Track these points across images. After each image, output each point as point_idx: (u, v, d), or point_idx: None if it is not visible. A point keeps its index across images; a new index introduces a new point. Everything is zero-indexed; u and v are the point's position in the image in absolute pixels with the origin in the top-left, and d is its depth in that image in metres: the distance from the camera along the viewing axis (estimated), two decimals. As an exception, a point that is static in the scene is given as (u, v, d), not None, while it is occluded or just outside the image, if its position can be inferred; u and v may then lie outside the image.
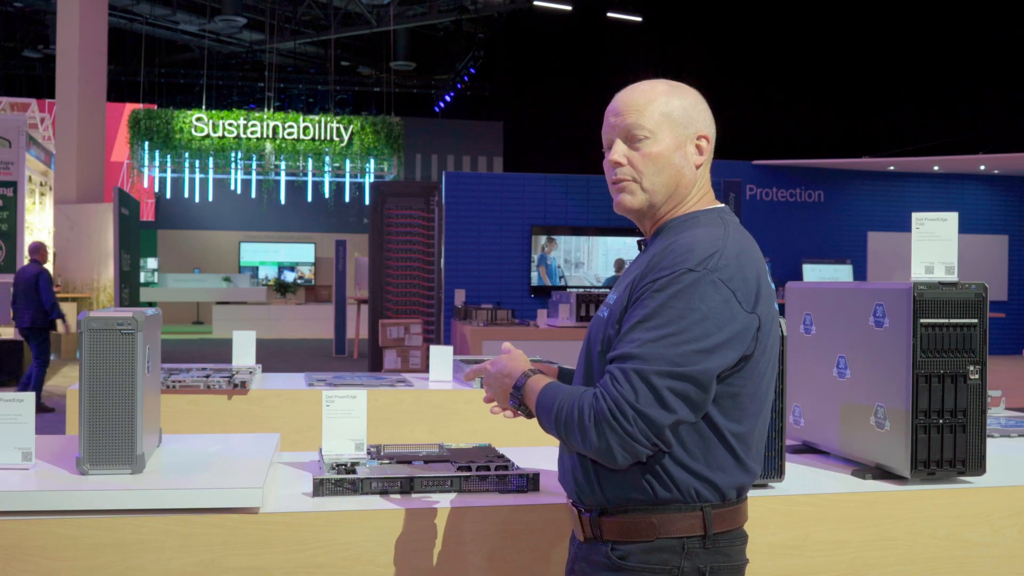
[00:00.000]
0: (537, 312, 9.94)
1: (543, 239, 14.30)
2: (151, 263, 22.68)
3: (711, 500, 1.60)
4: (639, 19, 19.89)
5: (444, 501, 2.02)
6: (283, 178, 20.40)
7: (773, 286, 1.68)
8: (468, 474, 2.11)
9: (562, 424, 1.60)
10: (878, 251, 15.46)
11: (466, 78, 26.07)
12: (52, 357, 13.52)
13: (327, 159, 19.86)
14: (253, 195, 20.81)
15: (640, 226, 1.79)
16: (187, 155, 19.36)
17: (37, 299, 9.12)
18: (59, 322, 9.27)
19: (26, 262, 9.91)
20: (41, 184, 13.20)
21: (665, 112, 1.70)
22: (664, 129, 1.69)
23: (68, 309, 14.17)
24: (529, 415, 1.75)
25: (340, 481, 2.05)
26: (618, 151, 1.72)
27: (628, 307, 1.61)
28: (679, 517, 1.59)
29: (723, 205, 1.76)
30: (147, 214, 21.40)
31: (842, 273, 15.03)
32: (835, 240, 15.44)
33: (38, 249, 9.46)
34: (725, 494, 1.61)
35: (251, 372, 3.92)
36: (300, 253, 25.37)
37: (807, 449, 2.60)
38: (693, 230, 1.65)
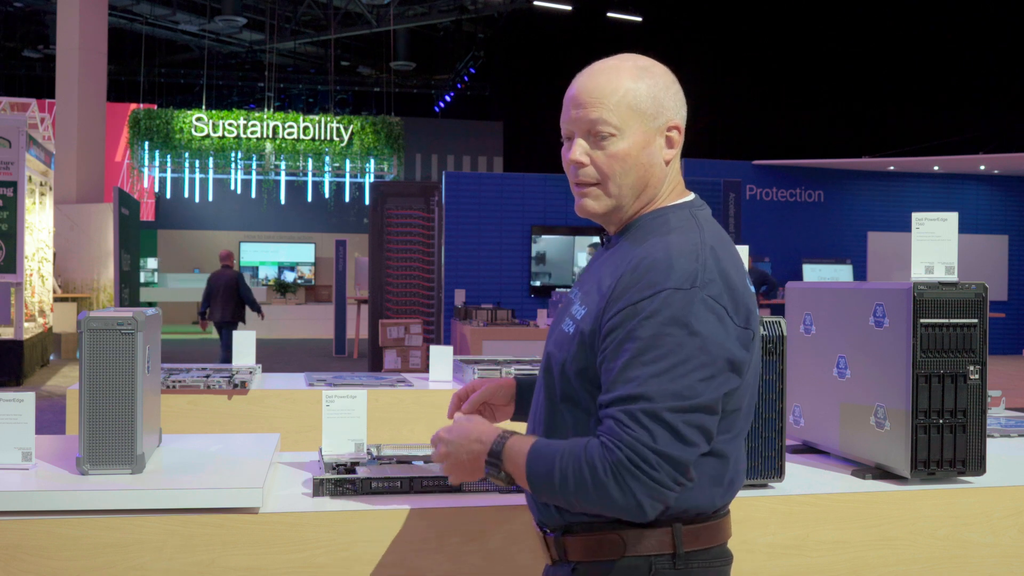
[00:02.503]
0: (537, 312, 9.94)
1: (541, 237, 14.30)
2: (151, 263, 22.68)
3: (682, 516, 1.48)
4: (639, 19, 19.89)
5: (444, 501, 2.02)
6: (283, 178, 20.41)
7: (752, 287, 1.57)
8: (468, 474, 2.11)
9: (570, 487, 1.40)
10: (878, 251, 15.47)
11: (466, 78, 26.08)
12: (52, 357, 13.52)
13: (327, 159, 19.87)
14: (253, 195, 20.82)
15: (604, 225, 1.63)
16: (187, 155, 19.36)
17: (236, 297, 11.05)
18: (256, 315, 11.61)
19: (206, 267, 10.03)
20: (41, 184, 13.19)
21: (632, 104, 1.51)
22: (632, 124, 1.52)
23: (68, 309, 14.18)
24: (510, 483, 1.52)
25: (340, 481, 2.05)
26: (580, 149, 1.55)
27: (603, 327, 1.46)
28: (647, 534, 1.47)
29: (693, 196, 1.60)
30: (147, 214, 21.39)
31: (842, 273, 15.03)
32: (835, 240, 15.44)
33: (229, 255, 11.57)
34: (699, 510, 1.49)
35: (251, 372, 3.92)
36: (300, 253, 25.36)
37: (807, 449, 2.60)
38: (666, 237, 1.49)
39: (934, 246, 2.22)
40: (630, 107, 1.52)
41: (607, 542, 1.48)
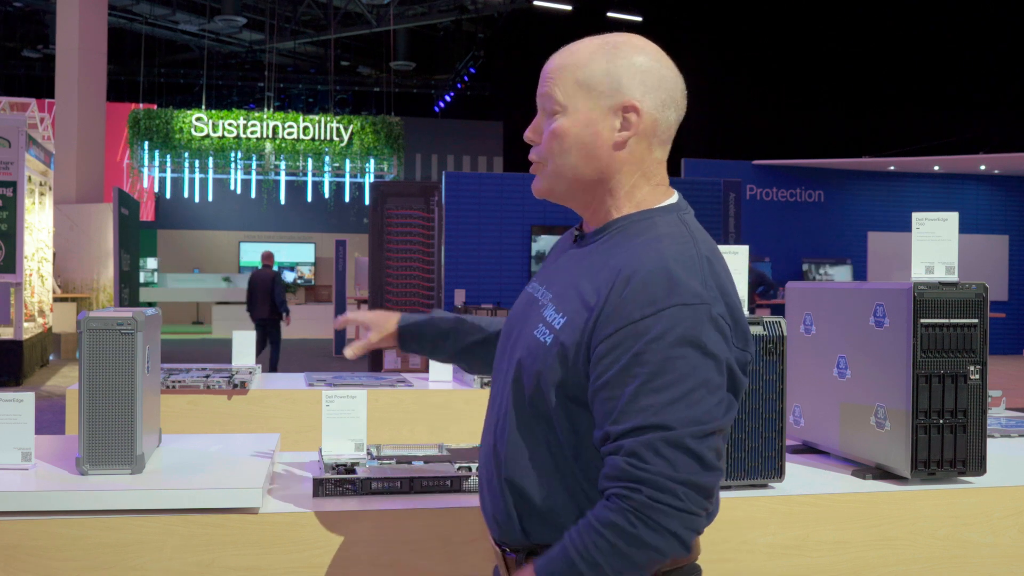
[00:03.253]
0: (537, 312, 9.93)
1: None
2: (151, 263, 22.67)
3: None
4: (639, 19, 19.90)
5: (444, 501, 2.02)
6: (283, 178, 20.41)
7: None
8: (468, 474, 2.11)
9: (605, 566, 1.26)
10: (878, 251, 15.47)
11: (466, 78, 26.08)
12: (52, 357, 13.52)
13: (327, 159, 19.86)
14: (253, 195, 20.82)
15: (577, 211, 1.53)
16: (187, 155, 19.36)
17: (273, 296, 11.53)
18: (284, 316, 11.71)
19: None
20: (41, 184, 13.19)
21: (580, 79, 1.43)
22: (578, 100, 1.43)
23: (68, 309, 14.18)
24: None
25: (340, 481, 2.05)
26: (533, 126, 1.49)
27: (595, 345, 1.34)
28: None
29: (677, 196, 1.48)
30: (147, 214, 21.40)
31: (841, 273, 15.04)
32: (835, 240, 15.44)
33: (269, 256, 12.07)
34: None
35: (251, 372, 3.92)
36: (300, 253, 25.36)
37: (807, 449, 2.60)
38: (656, 245, 1.37)
39: (934, 246, 2.22)
40: (577, 82, 1.43)
41: None
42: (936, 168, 15.46)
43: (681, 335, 1.29)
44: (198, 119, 19.29)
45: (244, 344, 4.14)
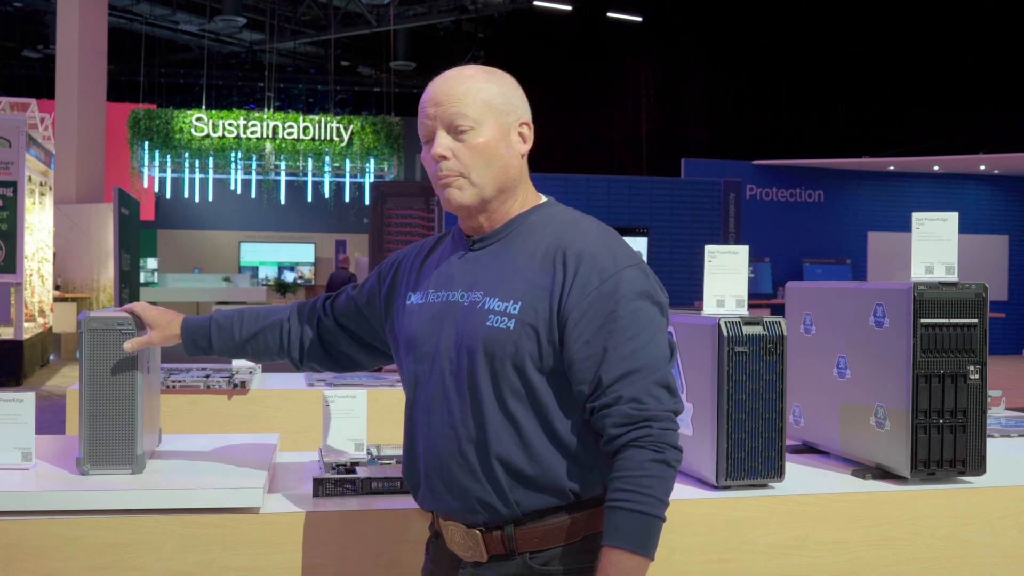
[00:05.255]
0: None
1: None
2: (151, 263, 22.66)
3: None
4: (639, 19, 19.89)
5: (444, 501, 2.02)
6: (283, 178, 20.41)
7: None
8: (468, 474, 2.11)
9: (658, 488, 1.52)
10: (878, 251, 15.47)
11: (466, 78, 26.02)
12: (52, 357, 13.53)
13: (327, 159, 19.86)
14: (253, 195, 20.81)
15: (468, 222, 1.69)
16: (187, 155, 19.36)
17: None
18: None
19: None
20: (41, 184, 13.19)
21: (486, 99, 1.63)
22: (487, 118, 1.63)
23: (68, 309, 14.18)
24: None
25: (340, 481, 2.05)
26: (441, 144, 1.63)
27: (565, 315, 1.55)
28: (598, 512, 1.58)
29: (546, 196, 1.76)
30: (147, 214, 21.39)
31: (838, 273, 15.04)
32: (835, 240, 15.44)
33: (345, 259, 12.96)
34: None
35: (251, 372, 3.92)
36: (300, 253, 25.35)
37: (807, 449, 2.60)
38: (579, 226, 1.65)
39: (934, 246, 2.22)
40: (484, 102, 1.63)
41: (565, 526, 1.58)
42: (936, 168, 15.47)
43: (637, 291, 1.58)
44: (198, 119, 19.29)
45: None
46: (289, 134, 19.61)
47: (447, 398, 1.62)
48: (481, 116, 1.63)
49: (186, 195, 20.61)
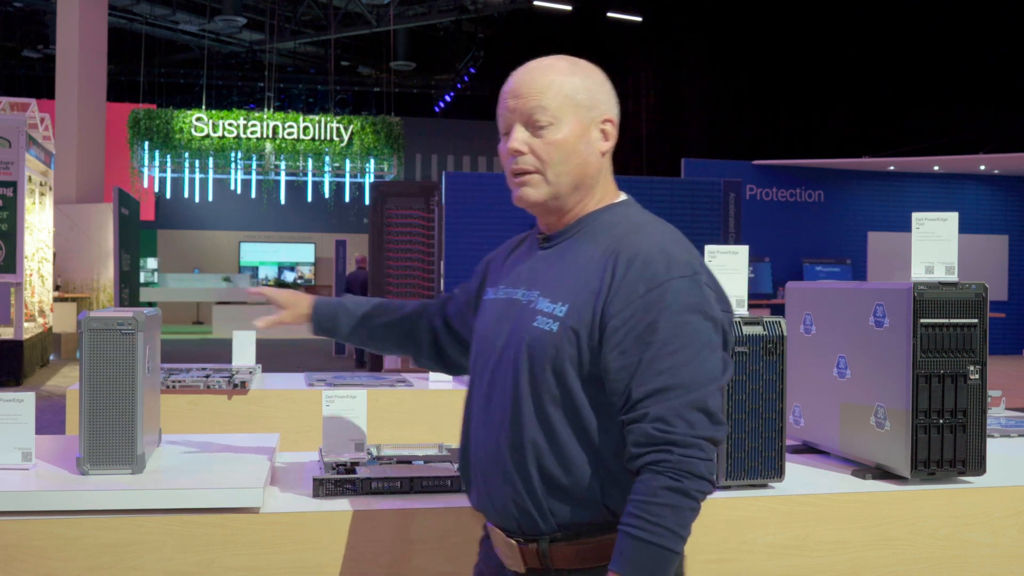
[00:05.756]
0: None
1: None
2: (151, 263, 22.67)
3: None
4: (639, 19, 19.89)
5: (444, 501, 2.02)
6: (283, 178, 20.41)
7: None
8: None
9: (671, 521, 1.40)
10: (878, 251, 15.47)
11: (466, 78, 26.08)
12: (52, 357, 13.52)
13: (327, 159, 19.87)
14: (253, 195, 20.82)
15: (542, 219, 1.65)
16: (187, 155, 19.36)
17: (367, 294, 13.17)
18: None
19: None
20: (41, 184, 13.19)
21: (568, 94, 1.56)
22: (568, 113, 1.56)
23: (68, 309, 14.18)
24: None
25: (340, 481, 2.05)
26: (518, 138, 1.57)
27: (607, 322, 1.47)
28: None
29: (625, 195, 1.66)
30: (147, 214, 21.39)
31: (838, 273, 15.04)
32: (835, 240, 15.44)
33: (363, 259, 13.51)
34: None
35: (251, 372, 3.92)
36: (300, 253, 25.36)
37: (807, 449, 2.60)
38: (644, 230, 1.54)
39: (934, 246, 2.22)
40: (566, 97, 1.56)
41: (602, 547, 1.49)
42: (936, 168, 15.46)
43: (685, 303, 1.46)
44: (198, 119, 19.29)
45: (244, 344, 4.14)
46: (289, 134, 19.61)
47: (494, 398, 1.58)
48: (561, 111, 1.56)
49: (186, 195, 20.61)
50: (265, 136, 19.54)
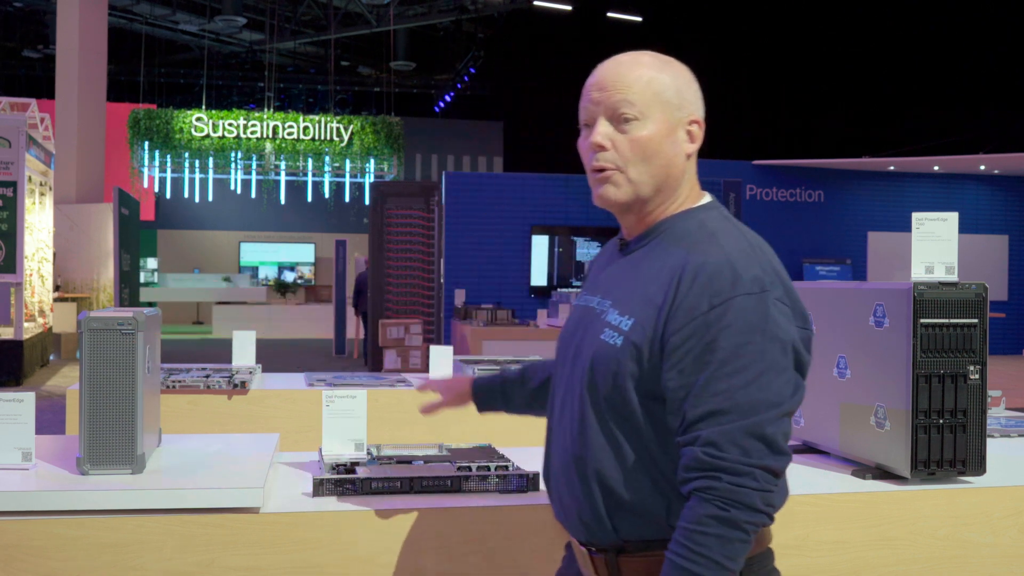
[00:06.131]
0: (537, 312, 9.94)
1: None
2: (151, 263, 22.69)
3: None
4: (639, 19, 19.89)
5: (444, 501, 2.02)
6: (283, 178, 20.41)
7: None
8: (468, 474, 2.11)
9: (718, 554, 1.33)
10: (878, 251, 15.47)
11: (466, 78, 26.08)
12: (52, 357, 13.52)
13: (327, 159, 19.87)
14: (253, 195, 20.82)
15: (621, 220, 1.59)
16: (187, 155, 19.36)
17: None
18: None
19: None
20: (41, 184, 13.19)
21: (657, 91, 1.50)
22: (655, 111, 1.50)
23: (68, 309, 14.18)
24: None
25: (340, 481, 2.05)
26: (602, 132, 1.51)
27: (668, 339, 1.41)
28: None
29: (710, 196, 1.59)
30: (147, 214, 21.39)
31: (838, 273, 15.04)
32: (835, 240, 15.44)
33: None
34: None
35: (251, 372, 3.91)
36: (300, 253, 25.36)
37: (807, 449, 2.60)
38: (715, 241, 1.46)
39: (934, 246, 2.22)
40: (655, 94, 1.50)
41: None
42: (936, 168, 15.46)
43: (748, 322, 1.38)
44: (198, 119, 19.29)
45: (244, 344, 4.14)
46: (289, 134, 19.62)
47: (566, 409, 1.55)
48: (648, 107, 1.49)
49: (186, 195, 20.61)
50: (265, 136, 19.54)
